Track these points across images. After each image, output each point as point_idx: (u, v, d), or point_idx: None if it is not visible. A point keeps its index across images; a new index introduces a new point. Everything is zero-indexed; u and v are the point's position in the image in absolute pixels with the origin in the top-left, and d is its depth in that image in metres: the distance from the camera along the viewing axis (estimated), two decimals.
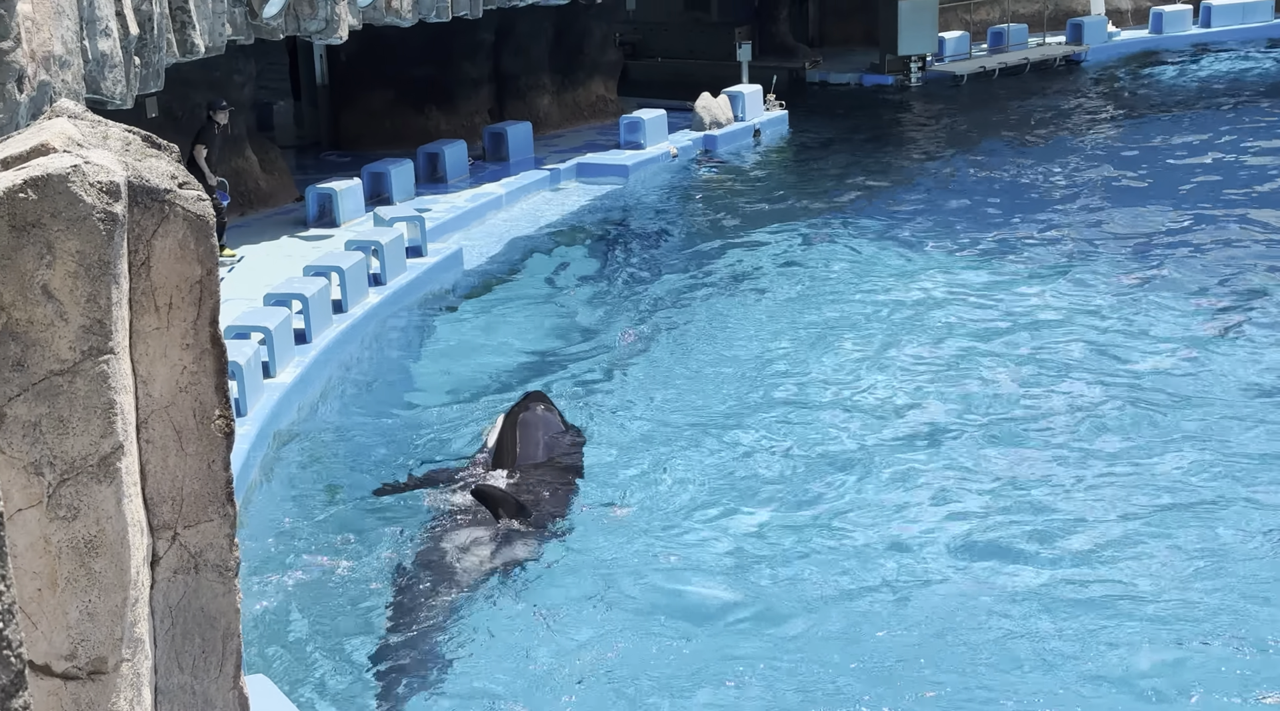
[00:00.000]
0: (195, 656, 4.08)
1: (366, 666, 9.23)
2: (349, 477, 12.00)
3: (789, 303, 16.22)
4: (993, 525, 10.80)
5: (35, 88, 10.59)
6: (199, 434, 4.02)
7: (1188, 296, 15.85)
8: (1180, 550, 10.28)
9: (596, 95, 25.40)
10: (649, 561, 10.41)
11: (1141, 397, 12.99)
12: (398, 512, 11.29)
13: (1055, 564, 10.16)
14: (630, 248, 19.17)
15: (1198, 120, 25.41)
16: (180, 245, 3.92)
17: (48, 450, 3.62)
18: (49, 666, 3.67)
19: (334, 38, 17.38)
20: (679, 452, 12.15)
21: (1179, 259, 17.37)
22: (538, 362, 14.64)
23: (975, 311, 15.68)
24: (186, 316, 3.97)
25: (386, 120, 22.86)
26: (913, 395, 13.32)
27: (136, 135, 4.07)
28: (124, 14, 12.94)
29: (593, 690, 8.86)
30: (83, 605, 3.69)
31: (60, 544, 3.66)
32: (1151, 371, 13.69)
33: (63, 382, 3.61)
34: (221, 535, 4.10)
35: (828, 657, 9.10)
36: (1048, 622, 9.39)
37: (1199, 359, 13.94)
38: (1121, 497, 11.14)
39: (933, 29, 28.51)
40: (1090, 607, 9.57)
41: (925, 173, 22.73)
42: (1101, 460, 11.79)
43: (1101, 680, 8.79)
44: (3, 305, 3.53)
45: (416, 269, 16.91)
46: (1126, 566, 10.13)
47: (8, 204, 3.50)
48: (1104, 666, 8.92)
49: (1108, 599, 9.68)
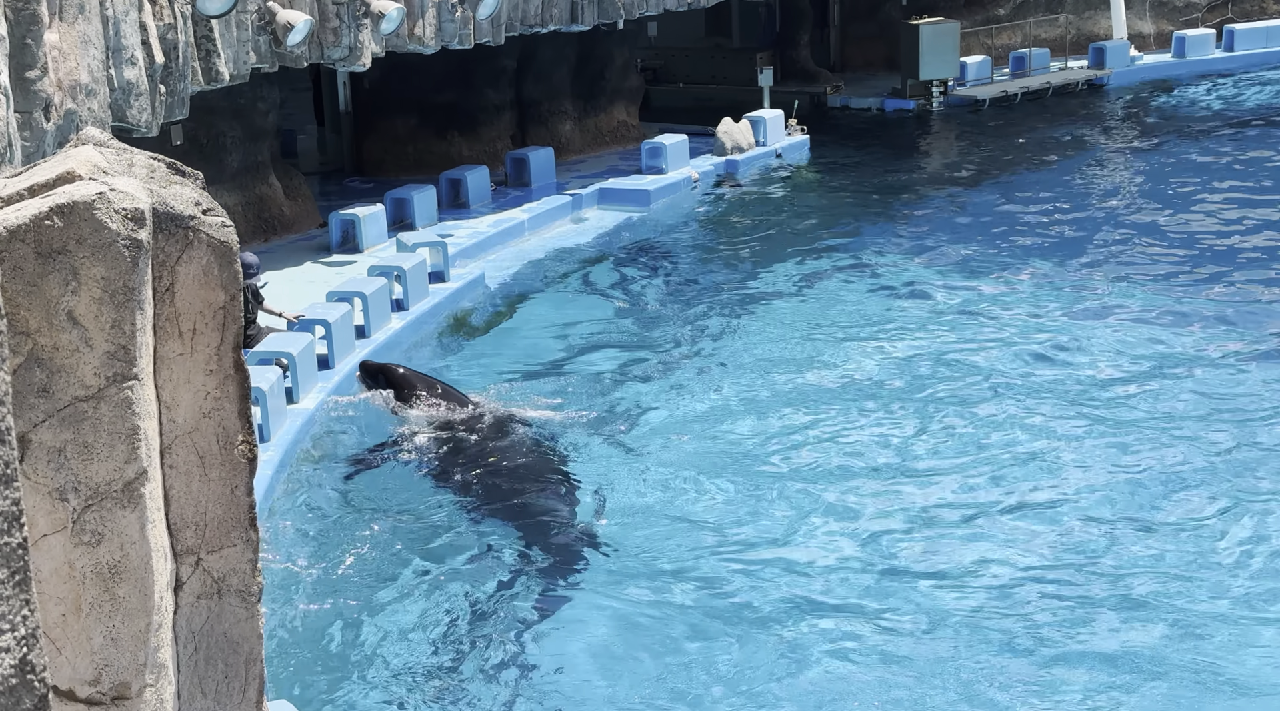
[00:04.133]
0: (218, 681, 4.08)
1: (388, 690, 9.23)
2: (371, 503, 12.01)
3: (810, 327, 16.20)
4: (1037, 550, 10.76)
5: (62, 116, 10.68)
6: (222, 459, 4.04)
7: (1212, 323, 15.77)
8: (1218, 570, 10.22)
9: (618, 121, 25.48)
10: (671, 576, 10.40)
11: (1174, 427, 12.91)
12: (422, 537, 11.30)
13: (1097, 605, 10.11)
14: (652, 273, 19.18)
15: (1220, 145, 25.33)
16: (204, 271, 3.95)
17: (72, 476, 3.63)
18: (73, 691, 3.68)
19: (357, 65, 17.50)
20: (695, 479, 12.13)
21: (1202, 283, 17.30)
22: (560, 387, 14.64)
23: (999, 336, 15.63)
24: (210, 342, 3.99)
25: (409, 146, 22.98)
26: (934, 417, 13.27)
27: (161, 162, 4.10)
28: (150, 43, 13.05)
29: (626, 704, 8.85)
30: (107, 630, 3.70)
31: (84, 569, 3.68)
32: (1183, 398, 13.61)
33: (87, 408, 3.63)
34: (244, 560, 4.11)
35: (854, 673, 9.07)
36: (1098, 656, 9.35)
37: (1222, 385, 13.86)
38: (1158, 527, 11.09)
39: (954, 54, 28.53)
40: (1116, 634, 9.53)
41: (947, 197, 22.70)
42: (1151, 492, 11.70)
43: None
44: (29, 331, 3.55)
45: (439, 294, 16.95)
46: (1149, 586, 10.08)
47: (34, 231, 3.53)
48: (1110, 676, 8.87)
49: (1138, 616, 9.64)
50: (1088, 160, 24.68)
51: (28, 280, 3.53)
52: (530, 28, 21.01)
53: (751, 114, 24.72)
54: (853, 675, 9.15)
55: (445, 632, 9.88)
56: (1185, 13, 33.38)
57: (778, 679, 9.15)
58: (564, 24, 21.56)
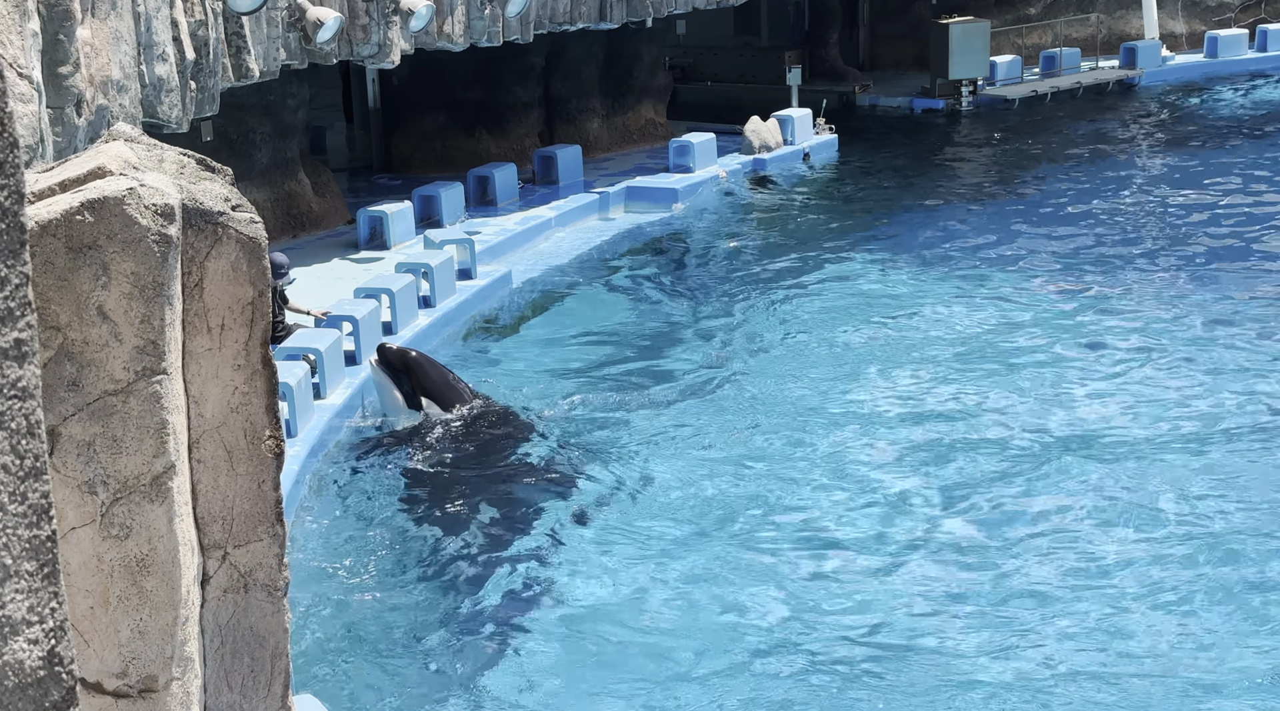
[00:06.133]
0: (244, 675, 4.10)
1: (413, 683, 9.25)
2: (398, 495, 12.05)
3: (836, 326, 16.16)
4: (1058, 556, 10.71)
5: (93, 111, 10.74)
6: (250, 454, 4.06)
7: (1242, 325, 15.67)
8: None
9: (646, 119, 25.47)
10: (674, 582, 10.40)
11: (1212, 431, 12.83)
12: (443, 531, 11.33)
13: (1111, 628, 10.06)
14: (678, 271, 19.17)
15: (1252, 147, 25.15)
16: (233, 267, 3.96)
17: (101, 469, 3.66)
18: (100, 684, 3.70)
19: (386, 62, 17.55)
20: (723, 479, 12.12)
21: (1236, 283, 17.19)
22: (587, 384, 14.65)
23: (1029, 335, 15.57)
24: (238, 338, 4.01)
25: (437, 143, 23.03)
26: (962, 417, 13.23)
27: (191, 158, 4.12)
28: (181, 39, 13.12)
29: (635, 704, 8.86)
30: (134, 623, 3.72)
31: (113, 562, 3.70)
32: (1219, 404, 13.53)
33: (117, 402, 3.65)
34: (271, 555, 4.13)
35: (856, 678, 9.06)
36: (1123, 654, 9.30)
37: (1259, 392, 13.77)
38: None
39: (984, 53, 28.41)
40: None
41: (976, 197, 22.61)
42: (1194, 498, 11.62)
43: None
44: (59, 325, 3.57)
45: (466, 291, 16.98)
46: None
47: (65, 226, 3.55)
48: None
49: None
50: (1118, 160, 24.55)
51: (58, 274, 3.56)
52: (559, 25, 21.03)
53: (780, 113, 24.67)
54: (855, 677, 9.13)
55: (467, 626, 9.90)
56: (1218, 12, 33.15)
57: (798, 681, 9.14)
58: (592, 22, 21.57)
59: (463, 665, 9.47)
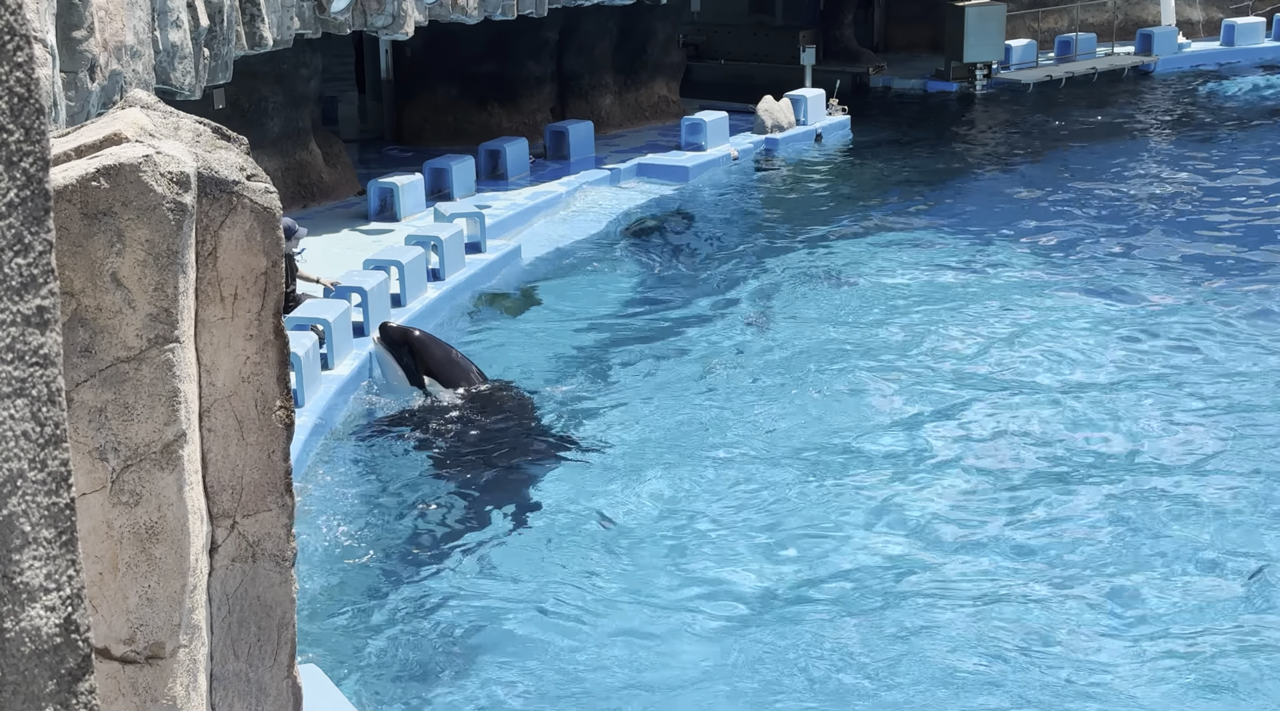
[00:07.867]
0: (251, 644, 4.11)
1: (416, 655, 9.28)
2: (403, 470, 12.07)
3: (845, 309, 16.14)
4: (1071, 549, 10.71)
5: (106, 77, 10.72)
6: (260, 424, 4.05)
7: (1256, 315, 15.63)
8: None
9: (659, 96, 25.41)
10: (680, 564, 10.41)
11: (1223, 420, 12.81)
12: (447, 507, 11.35)
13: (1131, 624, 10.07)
14: (688, 249, 19.15)
15: (1267, 135, 25.05)
16: (247, 237, 3.96)
17: (112, 436, 3.66)
18: (108, 650, 3.71)
19: (400, 33, 17.49)
20: (725, 459, 12.12)
21: (1246, 274, 17.14)
22: (594, 361, 14.65)
23: (1037, 320, 15.54)
24: (251, 307, 4.00)
25: (449, 116, 22.99)
26: (971, 404, 13.22)
27: (207, 127, 4.11)
28: (195, 6, 13.08)
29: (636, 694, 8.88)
30: (142, 590, 3.73)
31: (122, 529, 3.70)
32: (1230, 391, 13.51)
33: (129, 369, 3.65)
34: (279, 525, 4.13)
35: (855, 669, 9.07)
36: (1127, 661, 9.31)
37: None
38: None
39: (999, 37, 28.30)
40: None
41: (988, 181, 22.56)
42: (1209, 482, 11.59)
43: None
44: (73, 292, 3.57)
45: (475, 265, 16.97)
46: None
47: (80, 192, 3.54)
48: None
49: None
50: (1130, 146, 24.46)
51: (73, 241, 3.55)
52: (573, 0, 20.95)
53: (793, 93, 24.61)
54: (854, 678, 9.14)
55: (468, 599, 9.92)
56: (1235, 0, 33.00)
57: (805, 675, 9.16)
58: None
59: (462, 636, 9.49)
